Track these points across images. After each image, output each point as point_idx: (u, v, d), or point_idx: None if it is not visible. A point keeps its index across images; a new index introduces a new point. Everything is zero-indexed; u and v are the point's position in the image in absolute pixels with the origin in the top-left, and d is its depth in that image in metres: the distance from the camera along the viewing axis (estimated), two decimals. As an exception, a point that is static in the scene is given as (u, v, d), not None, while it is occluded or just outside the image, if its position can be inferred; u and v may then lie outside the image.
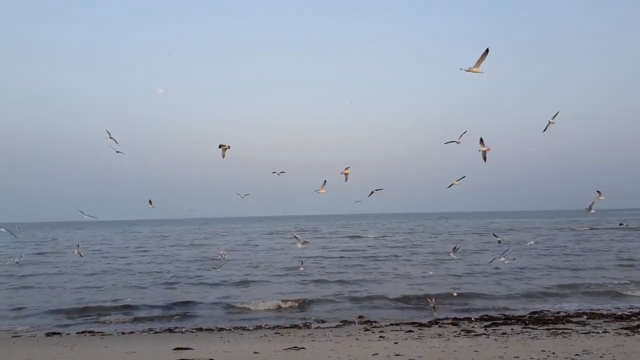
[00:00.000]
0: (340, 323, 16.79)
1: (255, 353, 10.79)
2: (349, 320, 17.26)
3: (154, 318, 18.30)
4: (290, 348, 11.44)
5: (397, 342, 12.18)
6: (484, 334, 13.47)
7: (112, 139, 12.95)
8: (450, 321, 16.19)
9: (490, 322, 15.56)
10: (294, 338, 13.62)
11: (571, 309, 18.15)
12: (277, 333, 14.81)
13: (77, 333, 15.77)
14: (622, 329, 13.60)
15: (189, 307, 19.85)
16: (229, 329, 15.97)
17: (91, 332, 15.94)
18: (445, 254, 38.57)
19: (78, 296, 22.82)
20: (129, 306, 19.92)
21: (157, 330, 16.15)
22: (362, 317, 17.79)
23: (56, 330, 16.28)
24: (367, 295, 21.67)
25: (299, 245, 15.48)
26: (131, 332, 16.06)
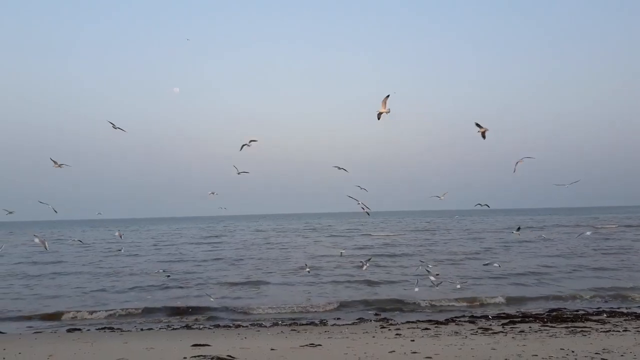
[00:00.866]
0: (357, 320, 16.82)
1: (272, 349, 10.85)
2: (366, 318, 17.29)
3: (173, 315, 18.58)
4: (307, 345, 11.48)
5: (413, 340, 12.16)
6: (502, 331, 13.36)
7: (118, 128, 12.87)
8: (467, 319, 16.12)
9: (508, 320, 15.44)
10: (310, 335, 13.68)
11: (591, 308, 17.91)
12: (294, 330, 14.89)
13: (97, 329, 16.07)
14: (643, 327, 13.36)
15: (207, 304, 20.00)
16: (246, 326, 16.12)
17: (111, 328, 16.23)
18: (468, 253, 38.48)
19: (99, 293, 23.27)
20: (148, 306, 20.11)
21: (175, 327, 16.37)
22: (378, 315, 17.81)
23: (77, 326, 16.62)
24: (385, 297, 21.32)
25: None
26: (150, 328, 16.30)
